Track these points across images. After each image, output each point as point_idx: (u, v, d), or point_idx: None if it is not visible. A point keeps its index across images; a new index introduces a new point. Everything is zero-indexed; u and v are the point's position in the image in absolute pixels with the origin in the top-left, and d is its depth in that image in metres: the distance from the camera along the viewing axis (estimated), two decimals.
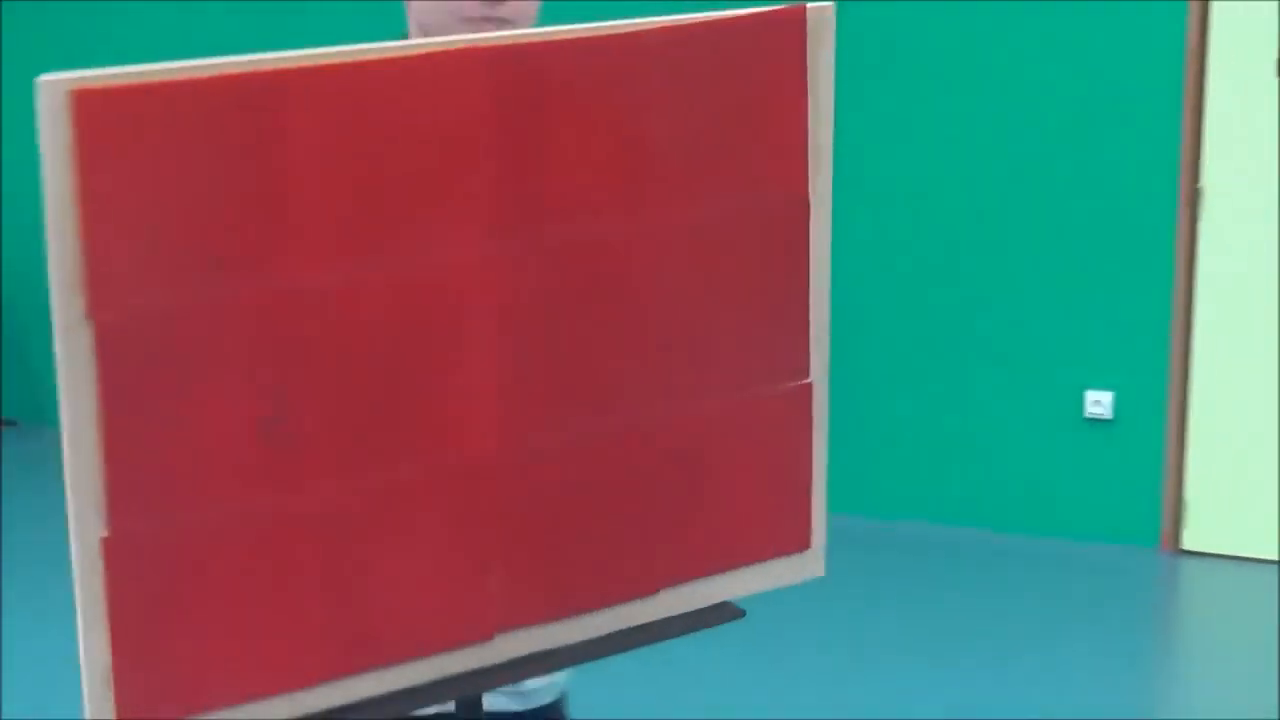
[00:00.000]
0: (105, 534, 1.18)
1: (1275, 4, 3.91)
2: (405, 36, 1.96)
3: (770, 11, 1.33)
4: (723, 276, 1.38)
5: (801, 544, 1.50)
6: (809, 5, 1.34)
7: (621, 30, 1.32)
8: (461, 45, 1.22)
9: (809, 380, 1.43)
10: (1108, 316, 4.45)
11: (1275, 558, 4.09)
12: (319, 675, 1.31)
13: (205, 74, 1.10)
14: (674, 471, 1.42)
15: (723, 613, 1.49)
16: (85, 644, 1.21)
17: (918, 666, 3.57)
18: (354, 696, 1.33)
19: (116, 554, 1.17)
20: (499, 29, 1.82)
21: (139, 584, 1.21)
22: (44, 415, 6.98)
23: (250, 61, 1.12)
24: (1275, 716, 3.21)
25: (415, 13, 1.84)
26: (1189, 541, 4.17)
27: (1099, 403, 4.49)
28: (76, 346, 1.10)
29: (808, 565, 1.50)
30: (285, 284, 1.17)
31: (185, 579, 1.23)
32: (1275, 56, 4.01)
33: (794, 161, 1.37)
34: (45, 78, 1.03)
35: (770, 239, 1.39)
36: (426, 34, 1.85)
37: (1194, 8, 4.04)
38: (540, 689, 2.01)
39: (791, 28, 1.32)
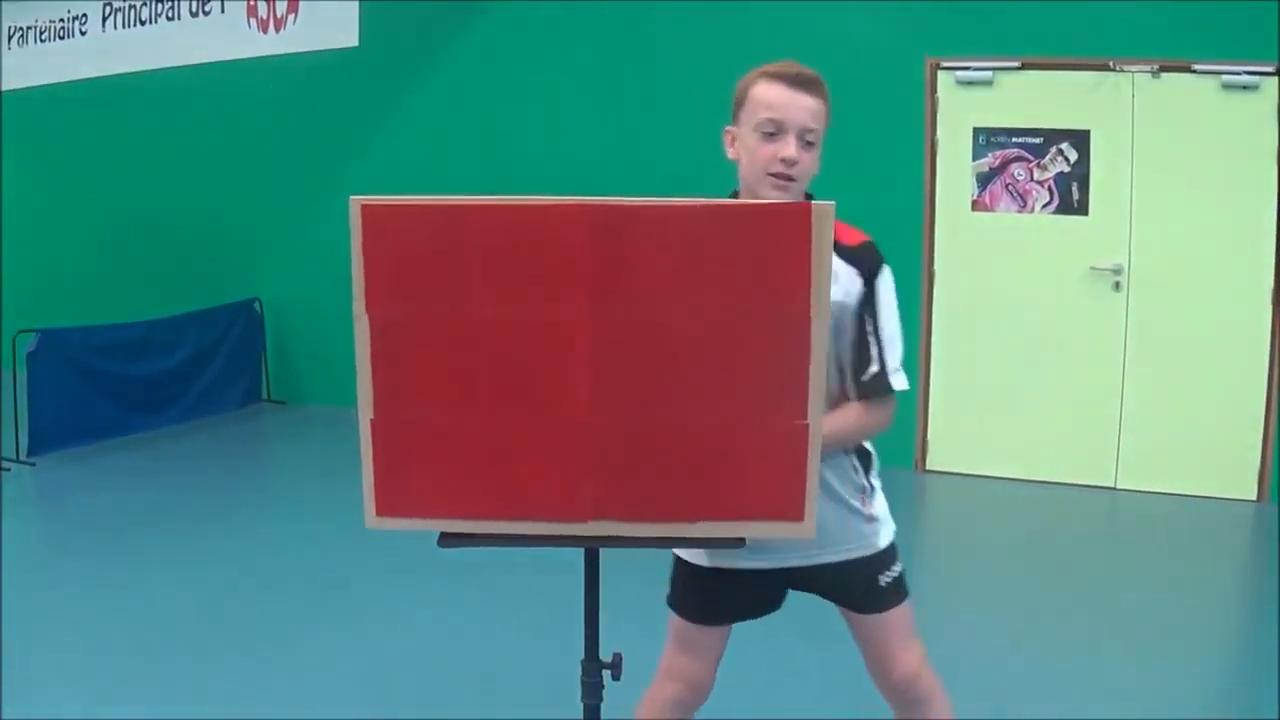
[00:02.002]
0: (372, 417, 1.68)
1: (970, 167, 6.47)
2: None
3: (786, 204, 1.67)
4: (746, 346, 1.66)
5: (797, 515, 1.74)
6: (814, 203, 1.64)
7: (683, 201, 1.65)
8: (568, 203, 1.61)
9: (806, 421, 1.72)
10: None
11: (967, 472, 6.82)
12: (481, 514, 1.76)
13: (429, 203, 1.63)
14: (709, 456, 1.72)
15: (735, 542, 1.78)
16: (364, 474, 1.71)
17: None
18: (499, 530, 1.76)
19: (377, 429, 1.70)
20: (788, 186, 2.09)
21: (386, 445, 1.70)
22: (303, 397, 8.54)
23: (458, 198, 1.60)
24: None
25: (741, 168, 2.13)
26: (930, 466, 6.99)
27: None
28: (362, 327, 1.67)
29: (801, 529, 1.77)
30: (471, 312, 1.66)
31: (406, 447, 1.72)
32: (969, 203, 6.61)
33: (800, 290, 1.64)
34: (354, 198, 1.63)
35: (782, 331, 1.65)
36: (745, 186, 2.13)
37: (927, 172, 6.72)
38: (785, 551, 2.25)
39: (800, 215, 1.64)
